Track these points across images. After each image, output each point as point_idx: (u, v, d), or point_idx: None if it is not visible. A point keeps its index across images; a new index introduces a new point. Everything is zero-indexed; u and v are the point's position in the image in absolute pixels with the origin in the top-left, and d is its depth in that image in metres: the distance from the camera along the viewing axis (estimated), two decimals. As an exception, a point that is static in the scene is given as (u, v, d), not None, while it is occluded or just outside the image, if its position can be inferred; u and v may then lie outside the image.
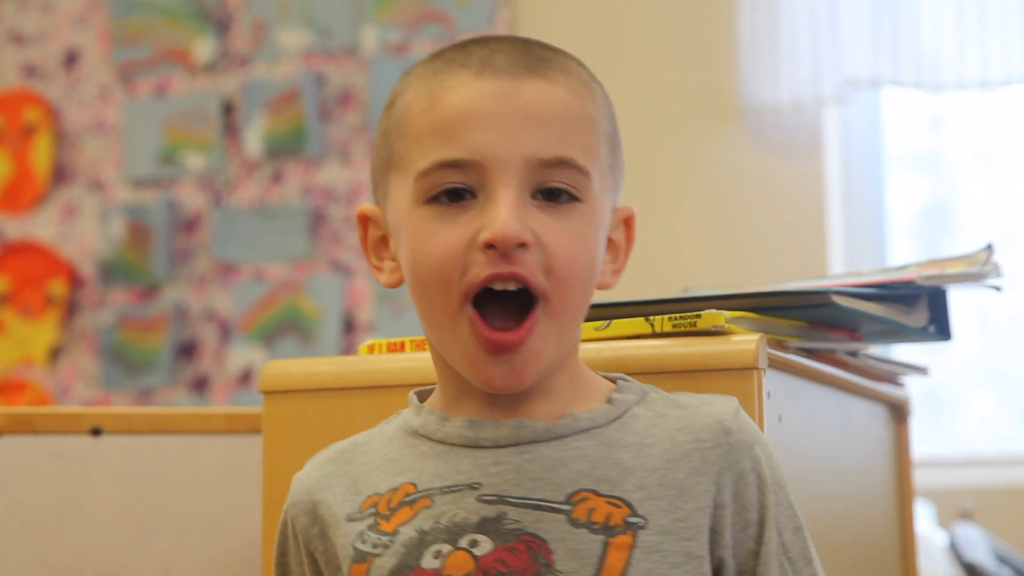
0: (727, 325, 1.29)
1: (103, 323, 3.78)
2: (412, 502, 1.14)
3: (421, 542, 1.12)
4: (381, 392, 1.39)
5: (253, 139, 3.72)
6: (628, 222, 1.21)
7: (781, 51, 3.28)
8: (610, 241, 1.19)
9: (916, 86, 3.23)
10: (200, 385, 3.71)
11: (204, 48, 3.79)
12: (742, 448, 1.15)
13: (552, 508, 1.11)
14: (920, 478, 1.82)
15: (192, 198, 3.77)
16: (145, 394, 3.74)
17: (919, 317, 1.53)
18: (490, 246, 1.09)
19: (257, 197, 3.71)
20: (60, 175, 3.87)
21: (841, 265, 3.34)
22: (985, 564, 2.48)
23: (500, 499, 1.12)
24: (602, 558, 1.09)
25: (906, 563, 1.73)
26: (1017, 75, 3.17)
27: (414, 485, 1.15)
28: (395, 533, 1.13)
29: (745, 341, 1.27)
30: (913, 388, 1.77)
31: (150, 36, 3.84)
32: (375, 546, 1.13)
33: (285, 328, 3.66)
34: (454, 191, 1.12)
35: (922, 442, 2.15)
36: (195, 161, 3.77)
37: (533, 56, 1.14)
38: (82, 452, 1.72)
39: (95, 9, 3.89)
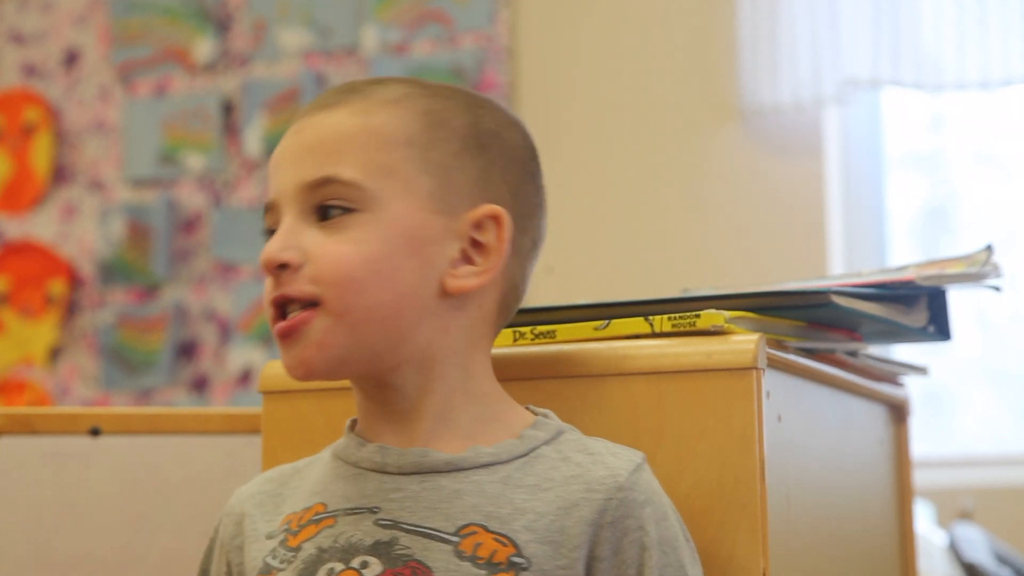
0: (726, 325, 1.29)
1: (103, 323, 3.79)
2: (318, 520, 1.18)
3: (318, 559, 1.15)
4: (380, 392, 1.38)
5: (253, 139, 3.72)
6: (495, 220, 1.21)
7: (781, 51, 3.28)
8: (476, 243, 1.20)
9: (916, 86, 3.23)
10: (200, 385, 3.71)
11: (204, 48, 3.79)
12: (631, 505, 1.16)
13: (441, 538, 1.14)
14: (920, 478, 1.81)
15: (192, 198, 3.77)
16: (145, 394, 3.74)
17: (919, 317, 1.53)
18: (263, 269, 1.19)
19: (257, 197, 3.71)
20: (60, 175, 3.87)
21: (841, 265, 3.34)
22: (985, 564, 2.48)
23: (394, 524, 1.15)
24: None
25: (905, 563, 1.73)
26: (1017, 75, 3.17)
27: (324, 505, 1.19)
28: (298, 549, 1.17)
29: (744, 341, 1.27)
30: (913, 388, 1.77)
31: (150, 36, 3.84)
32: (281, 561, 1.18)
33: (285, 328, 3.65)
34: (270, 231, 1.21)
35: (922, 442, 2.14)
36: (195, 161, 3.77)
37: (343, 91, 1.22)
38: (81, 452, 1.72)
39: (95, 9, 3.89)
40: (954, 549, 2.51)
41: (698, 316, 1.29)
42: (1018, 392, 3.42)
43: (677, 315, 1.30)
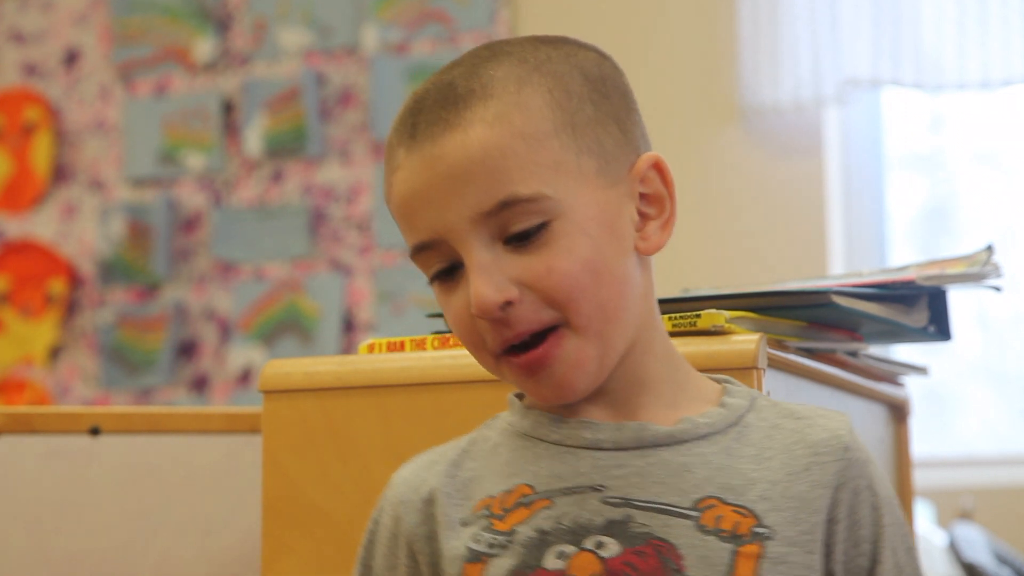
0: (727, 325, 1.29)
1: (103, 322, 3.78)
2: (529, 503, 1.12)
3: (542, 542, 1.10)
4: (381, 392, 1.39)
5: (253, 138, 3.72)
6: (656, 167, 1.16)
7: (782, 51, 3.28)
8: (645, 197, 1.16)
9: (916, 86, 3.23)
10: (200, 385, 3.71)
11: (204, 47, 3.79)
12: (859, 465, 1.15)
13: (680, 513, 1.10)
14: (920, 478, 1.82)
15: (192, 197, 3.77)
16: (145, 393, 3.74)
17: (919, 317, 1.53)
18: (480, 317, 1.10)
19: (257, 196, 3.71)
20: (60, 174, 3.87)
21: (841, 265, 3.34)
22: (984, 564, 2.48)
23: (626, 502, 1.10)
24: (731, 566, 1.08)
25: (906, 563, 1.73)
26: (1017, 75, 3.17)
27: (530, 487, 1.13)
28: (512, 532, 1.11)
29: (745, 341, 1.27)
30: (913, 388, 1.77)
31: (150, 35, 3.84)
32: (491, 546, 1.11)
33: (285, 327, 3.66)
34: (447, 270, 1.13)
35: (922, 442, 2.14)
36: (195, 160, 3.77)
37: (450, 103, 1.12)
38: (81, 452, 1.72)
39: (95, 8, 3.89)
40: (954, 549, 2.51)
41: (699, 316, 1.29)
42: (1018, 392, 3.42)
43: (677, 315, 1.30)
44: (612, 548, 1.08)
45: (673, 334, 1.30)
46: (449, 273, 1.13)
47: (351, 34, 3.68)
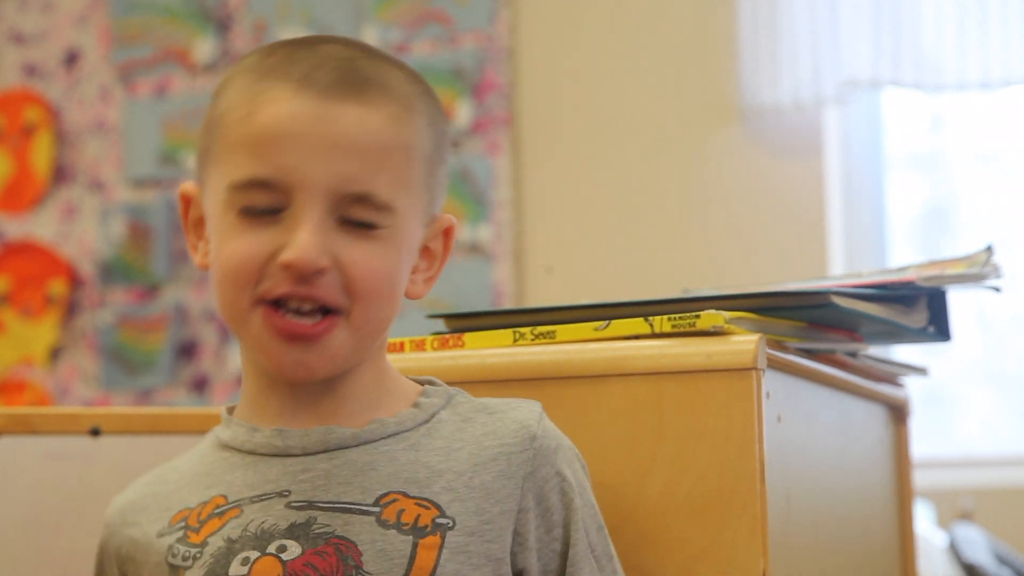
0: (726, 325, 1.29)
1: (103, 323, 3.79)
2: (222, 513, 1.15)
3: (229, 551, 1.13)
4: (380, 392, 1.38)
5: (253, 139, 3.72)
6: (447, 233, 1.23)
7: (781, 52, 3.28)
8: (426, 250, 1.21)
9: (916, 87, 3.23)
10: (200, 385, 3.71)
11: (204, 48, 3.79)
12: (546, 453, 1.18)
13: (361, 511, 1.12)
14: (920, 478, 1.82)
15: (192, 198, 3.77)
16: (145, 394, 3.74)
17: (919, 318, 1.53)
18: (288, 267, 1.12)
19: (257, 197, 3.71)
20: (60, 175, 3.87)
21: (841, 266, 3.34)
22: (984, 564, 2.48)
23: (309, 505, 1.13)
24: (412, 558, 1.11)
25: (905, 564, 1.73)
26: (1017, 76, 3.17)
27: (224, 497, 1.16)
28: (204, 544, 1.14)
29: (744, 341, 1.27)
30: (913, 388, 1.77)
31: (150, 36, 3.84)
32: (184, 559, 1.14)
33: (285, 328, 3.65)
34: (257, 208, 1.14)
35: (922, 442, 2.14)
36: (195, 161, 3.77)
37: (357, 74, 1.15)
38: (81, 452, 1.72)
39: (95, 9, 3.89)
40: (954, 549, 2.51)
41: (698, 316, 1.29)
42: (1018, 393, 3.42)
43: (677, 315, 1.30)
44: (294, 551, 1.11)
45: (673, 335, 1.30)
46: (261, 212, 1.13)
47: (351, 34, 3.67)
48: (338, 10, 3.70)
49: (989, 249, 1.54)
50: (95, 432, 1.72)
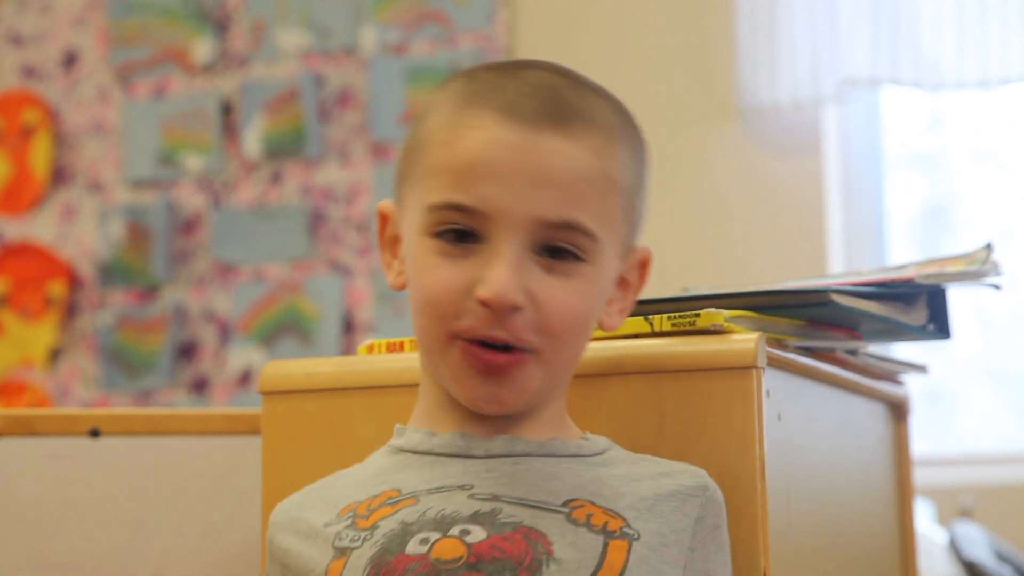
0: (726, 324, 1.29)
1: (102, 324, 3.78)
2: (395, 502, 1.14)
3: (405, 532, 1.11)
4: (381, 392, 1.39)
5: (252, 139, 3.72)
6: (643, 264, 1.24)
7: (780, 51, 3.28)
8: (622, 281, 1.22)
9: (915, 85, 3.23)
10: (200, 386, 3.71)
11: (203, 48, 3.79)
12: (716, 506, 1.19)
13: (549, 509, 1.12)
14: (920, 476, 1.82)
15: (191, 199, 3.77)
16: (145, 395, 3.74)
17: (918, 316, 1.53)
18: (484, 303, 1.11)
19: (256, 198, 3.71)
20: (59, 176, 3.87)
21: (840, 264, 3.34)
22: (985, 562, 2.48)
23: (494, 497, 1.12)
24: (603, 555, 1.10)
25: (906, 562, 1.73)
26: (1016, 74, 3.17)
27: (398, 490, 1.15)
28: (374, 527, 1.12)
29: (744, 340, 1.27)
30: (913, 386, 1.77)
31: (149, 37, 3.84)
32: (352, 541, 1.12)
33: (284, 328, 3.66)
34: (461, 231, 1.13)
35: (922, 440, 2.14)
36: (194, 162, 3.77)
37: (561, 104, 1.14)
38: (81, 454, 1.72)
39: (94, 10, 3.89)
40: (954, 547, 2.51)
41: (698, 315, 1.29)
42: (1018, 390, 3.42)
43: (677, 314, 1.30)
44: (478, 534, 1.09)
45: (672, 333, 1.30)
46: (460, 237, 1.13)
47: (349, 35, 3.68)
48: (337, 10, 3.70)
49: (988, 247, 1.54)
50: (95, 433, 1.72)
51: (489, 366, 1.13)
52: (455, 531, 1.09)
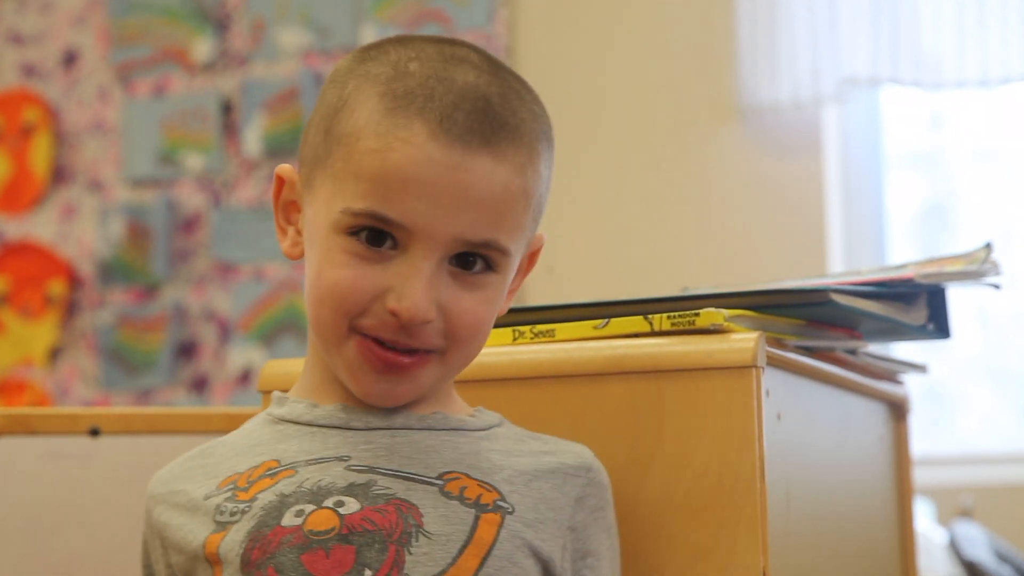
0: (726, 323, 1.29)
1: (102, 323, 3.78)
2: (274, 474, 1.14)
3: (281, 504, 1.12)
4: (380, 391, 1.38)
5: (252, 139, 3.72)
6: (536, 252, 1.24)
7: (780, 50, 3.28)
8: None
9: (915, 85, 3.23)
10: (200, 385, 3.71)
11: (203, 48, 3.79)
12: (600, 486, 1.21)
13: (424, 481, 1.13)
14: (919, 476, 1.82)
15: (191, 198, 3.77)
16: (145, 394, 3.74)
17: (918, 315, 1.53)
18: (395, 314, 1.12)
19: (256, 197, 3.71)
20: (59, 175, 3.87)
21: (840, 264, 3.34)
22: (985, 562, 2.48)
23: (370, 469, 1.13)
24: (473, 528, 1.11)
25: (905, 561, 1.73)
26: (1016, 73, 3.17)
27: (277, 461, 1.16)
28: (252, 500, 1.13)
29: (744, 339, 1.27)
30: (912, 386, 1.77)
31: (149, 36, 3.84)
32: (232, 514, 1.13)
33: (284, 328, 3.66)
34: (377, 234, 1.13)
35: (921, 440, 2.15)
36: (194, 161, 3.77)
37: (491, 119, 1.14)
38: (81, 453, 1.72)
39: (94, 9, 3.89)
40: (954, 547, 2.51)
41: (697, 314, 1.29)
42: (1018, 390, 3.42)
43: (676, 314, 1.30)
44: (352, 506, 1.11)
45: (672, 333, 1.30)
46: (374, 240, 1.13)
47: (349, 34, 3.68)
48: (337, 10, 3.70)
49: (988, 246, 1.54)
50: (94, 432, 1.72)
51: (388, 365, 1.14)
52: (329, 502, 1.11)
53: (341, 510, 1.10)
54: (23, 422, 1.69)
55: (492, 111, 1.15)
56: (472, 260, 1.15)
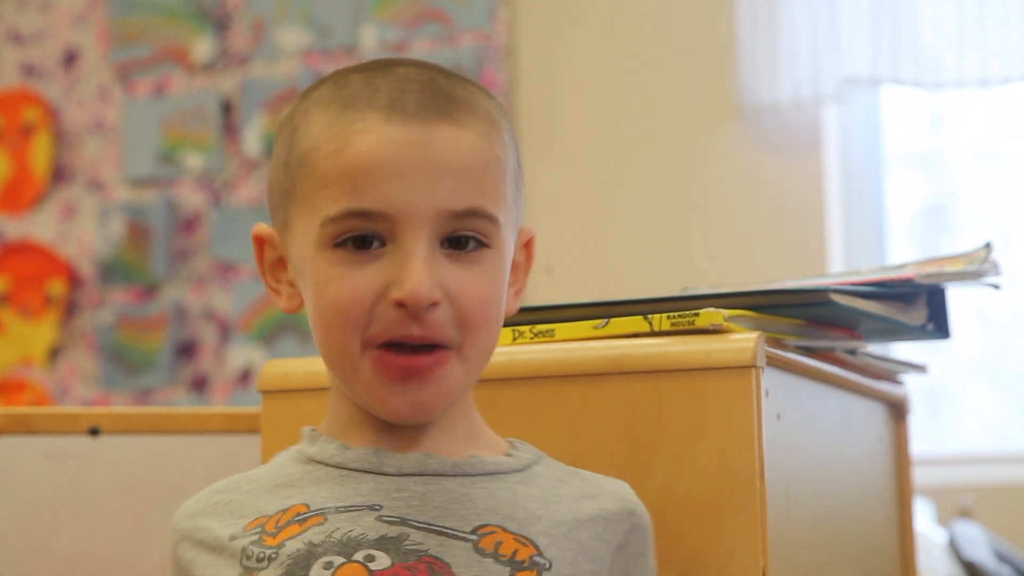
0: (725, 323, 1.29)
1: (102, 323, 3.78)
2: (303, 520, 1.10)
3: (310, 554, 1.07)
4: (379, 391, 1.38)
5: (252, 138, 3.72)
6: (528, 244, 1.21)
7: (781, 50, 3.28)
8: (513, 264, 1.19)
9: (915, 84, 3.23)
10: (199, 385, 3.71)
11: (203, 47, 3.79)
12: (642, 531, 1.18)
13: (457, 536, 1.08)
14: (919, 476, 1.81)
15: (191, 198, 3.77)
16: (144, 394, 3.74)
17: (918, 315, 1.53)
18: (401, 304, 1.09)
19: (256, 196, 3.71)
20: (59, 175, 3.87)
21: (840, 264, 3.34)
22: (984, 562, 2.48)
23: (402, 521, 1.09)
24: None
25: (905, 561, 1.73)
26: (1016, 73, 3.17)
27: (306, 506, 1.12)
28: (280, 546, 1.09)
29: (743, 339, 1.27)
30: (912, 386, 1.77)
31: (149, 35, 3.84)
32: (259, 560, 1.09)
33: (284, 328, 3.66)
34: (361, 238, 1.10)
35: (921, 440, 2.14)
36: (194, 160, 3.77)
37: (442, 96, 1.12)
38: (80, 452, 1.72)
39: (94, 8, 3.89)
40: (954, 547, 2.51)
41: (697, 315, 1.29)
42: (1018, 390, 3.42)
43: (676, 314, 1.30)
44: (383, 562, 1.06)
45: (672, 333, 1.30)
46: (362, 244, 1.10)
47: (350, 34, 3.68)
48: (337, 9, 3.70)
49: (988, 246, 1.54)
50: (94, 432, 1.72)
51: (407, 371, 1.10)
52: (359, 556, 1.07)
53: (372, 565, 1.06)
54: (23, 422, 1.69)
55: (440, 89, 1.13)
56: (464, 240, 1.11)
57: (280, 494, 1.14)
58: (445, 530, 1.09)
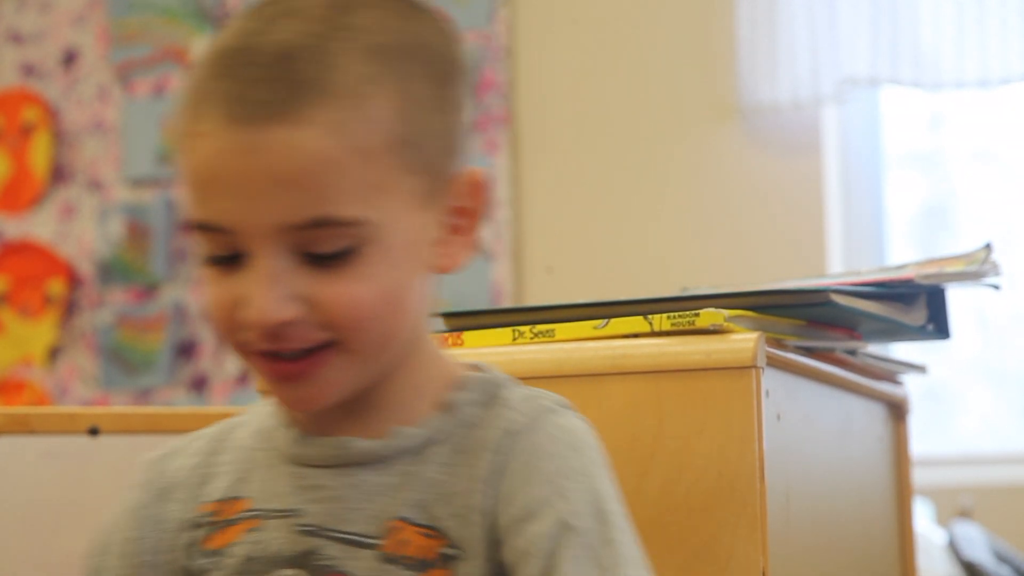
0: (725, 324, 1.29)
1: (102, 323, 3.78)
2: (245, 519, 1.10)
3: (242, 571, 1.08)
4: (379, 391, 1.38)
5: (252, 138, 3.72)
6: (475, 185, 1.09)
7: (780, 50, 3.28)
8: (460, 211, 1.08)
9: (915, 85, 3.23)
10: (199, 385, 3.71)
11: (203, 47, 3.79)
12: (514, 438, 1.08)
13: (365, 544, 1.05)
14: (919, 476, 1.82)
15: (191, 197, 3.77)
16: (144, 394, 3.74)
17: (918, 316, 1.53)
18: (250, 327, 1.02)
19: (256, 196, 3.71)
20: (59, 175, 3.87)
21: (840, 264, 3.34)
22: (984, 562, 2.48)
23: (317, 532, 1.07)
24: None
25: (905, 562, 1.73)
26: (1016, 73, 3.17)
27: (252, 500, 1.10)
28: (223, 554, 1.09)
29: (743, 340, 1.27)
30: (912, 386, 1.77)
31: (149, 35, 3.84)
32: (202, 571, 1.10)
33: (284, 327, 3.65)
34: (224, 246, 1.03)
35: (921, 440, 2.14)
36: (194, 160, 3.77)
37: (291, 83, 1.00)
38: (79, 452, 1.72)
39: (94, 8, 3.89)
40: (953, 547, 2.51)
41: (697, 315, 1.29)
42: (1017, 390, 3.42)
43: (676, 314, 1.30)
44: None
45: (672, 333, 1.30)
46: (229, 259, 1.03)
47: (349, 34, 3.68)
48: (336, 9, 3.70)
49: (988, 247, 1.54)
50: (93, 432, 1.72)
51: (283, 375, 1.04)
52: None
53: None
54: (22, 421, 1.69)
55: (294, 73, 1.00)
56: (322, 254, 1.01)
57: (236, 474, 1.12)
58: (353, 539, 1.06)
